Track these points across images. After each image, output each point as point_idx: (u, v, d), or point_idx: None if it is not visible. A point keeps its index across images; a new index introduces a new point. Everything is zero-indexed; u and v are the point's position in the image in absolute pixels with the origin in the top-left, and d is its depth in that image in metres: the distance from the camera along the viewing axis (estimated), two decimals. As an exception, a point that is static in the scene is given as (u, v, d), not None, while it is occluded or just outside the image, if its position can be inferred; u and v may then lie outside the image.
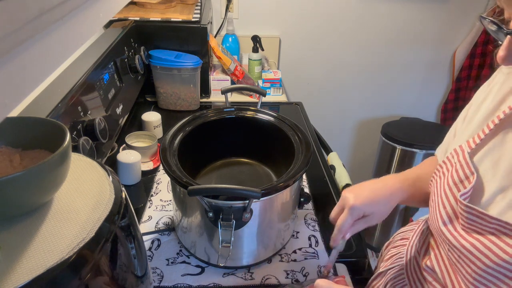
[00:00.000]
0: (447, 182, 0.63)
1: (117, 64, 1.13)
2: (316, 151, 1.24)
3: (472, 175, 0.59)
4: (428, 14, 1.93)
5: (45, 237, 0.42)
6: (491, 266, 0.55)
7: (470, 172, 0.60)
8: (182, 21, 1.38)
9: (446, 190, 0.62)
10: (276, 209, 0.77)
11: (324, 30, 1.94)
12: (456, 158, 0.63)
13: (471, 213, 0.57)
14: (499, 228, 0.55)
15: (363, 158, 2.34)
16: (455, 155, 0.64)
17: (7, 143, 0.48)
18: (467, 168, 0.60)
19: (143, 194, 1.01)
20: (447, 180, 0.63)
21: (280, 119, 0.93)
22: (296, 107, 1.54)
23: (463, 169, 0.61)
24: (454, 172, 0.62)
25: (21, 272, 0.37)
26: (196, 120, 0.91)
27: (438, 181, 0.66)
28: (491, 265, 0.55)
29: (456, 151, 0.64)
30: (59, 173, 0.45)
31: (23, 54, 0.31)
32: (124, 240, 0.48)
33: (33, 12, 0.31)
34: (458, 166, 0.62)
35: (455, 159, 0.63)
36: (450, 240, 0.60)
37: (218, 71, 1.61)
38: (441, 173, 0.66)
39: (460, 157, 0.62)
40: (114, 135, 1.05)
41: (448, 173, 0.64)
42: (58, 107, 0.75)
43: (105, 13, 0.55)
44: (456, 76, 2.07)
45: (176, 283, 0.77)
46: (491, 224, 0.55)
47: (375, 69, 2.07)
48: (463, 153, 0.62)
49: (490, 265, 0.55)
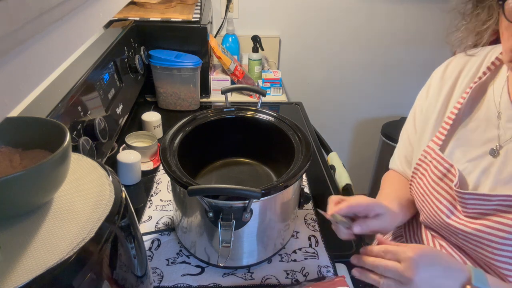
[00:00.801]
0: (432, 180, 0.68)
1: (117, 64, 1.13)
2: (316, 151, 1.24)
3: (452, 167, 0.66)
4: (428, 14, 1.93)
5: (45, 237, 0.42)
6: (504, 243, 0.59)
7: (449, 165, 0.66)
8: (182, 21, 1.38)
9: (434, 186, 0.68)
10: (276, 209, 0.77)
11: (324, 30, 1.94)
12: (429, 157, 0.70)
13: (470, 198, 0.62)
14: (500, 203, 0.59)
15: (363, 158, 2.34)
16: (427, 155, 0.70)
17: (7, 143, 0.48)
18: (445, 162, 0.67)
19: (143, 194, 1.01)
20: (431, 178, 0.69)
21: (280, 119, 0.93)
22: (296, 107, 1.54)
23: (441, 164, 0.67)
24: (433, 169, 0.68)
25: (21, 272, 0.37)
26: (196, 120, 0.91)
27: (420, 182, 0.71)
28: (503, 242, 0.59)
29: (426, 151, 0.71)
30: (59, 173, 0.45)
31: (23, 54, 0.31)
32: (124, 240, 0.48)
33: (33, 12, 0.31)
34: (435, 163, 0.68)
35: (429, 158, 0.70)
36: (460, 229, 0.63)
37: (218, 71, 1.61)
38: (420, 174, 0.72)
39: (433, 154, 0.69)
40: (114, 135, 1.05)
41: (428, 172, 0.70)
42: (58, 107, 0.75)
43: (105, 13, 0.55)
44: (456, 76, 2.07)
45: (176, 283, 0.77)
46: (492, 202, 0.60)
47: (375, 69, 2.07)
48: (434, 151, 0.69)
49: (502, 242, 0.59)
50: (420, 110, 0.80)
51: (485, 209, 0.61)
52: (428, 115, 0.75)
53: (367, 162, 2.30)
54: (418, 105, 0.82)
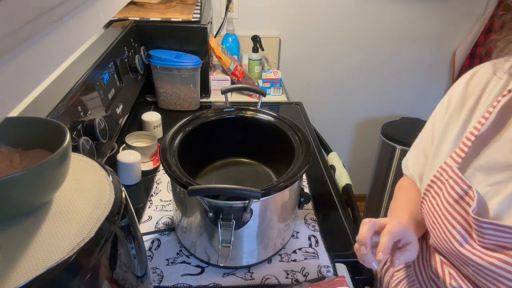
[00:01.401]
0: (446, 201, 0.61)
1: (117, 64, 1.13)
2: (316, 151, 1.24)
3: (470, 189, 0.59)
4: (428, 14, 1.93)
5: (45, 237, 0.42)
6: None
7: (467, 186, 0.59)
8: (182, 21, 1.38)
9: (448, 209, 0.61)
10: (276, 209, 0.77)
11: (324, 30, 1.94)
12: (446, 175, 0.63)
13: (489, 228, 0.55)
14: None
15: (363, 158, 2.34)
16: (443, 173, 0.63)
17: (7, 143, 0.48)
18: (462, 183, 0.60)
19: (143, 194, 1.01)
20: (445, 199, 0.62)
21: (280, 119, 0.93)
22: (296, 107, 1.54)
23: (458, 184, 0.60)
24: (449, 189, 0.61)
25: (21, 272, 0.37)
26: (196, 120, 0.91)
27: (433, 202, 0.65)
28: None
29: (443, 168, 0.64)
30: (59, 173, 0.45)
31: (23, 54, 0.31)
32: (124, 240, 0.48)
33: (33, 12, 0.31)
34: (451, 182, 0.61)
35: (445, 176, 0.63)
36: (473, 260, 0.58)
37: (218, 71, 1.61)
38: (434, 193, 0.65)
39: (450, 173, 0.62)
40: (114, 135, 1.05)
41: (442, 192, 0.63)
42: (58, 107, 0.75)
43: (105, 13, 0.55)
44: (456, 76, 2.07)
45: (176, 283, 0.77)
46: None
47: (375, 69, 2.07)
48: (451, 169, 0.62)
49: None
50: (439, 121, 0.72)
51: (505, 242, 0.55)
52: (447, 129, 0.68)
53: (367, 162, 2.30)
54: (438, 116, 0.74)
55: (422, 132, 0.79)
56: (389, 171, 2.01)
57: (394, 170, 1.98)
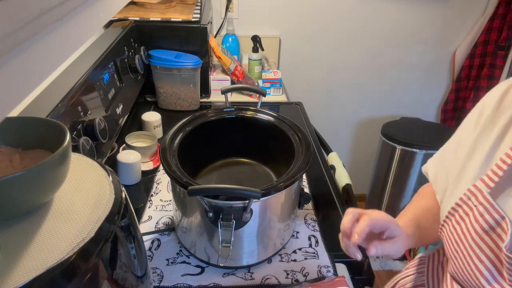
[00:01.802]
0: (473, 230, 0.55)
1: (117, 64, 1.13)
2: (316, 151, 1.24)
3: (504, 220, 0.52)
4: (428, 14, 1.93)
5: (45, 237, 0.42)
6: None
7: (500, 217, 0.52)
8: (182, 21, 1.38)
9: (476, 239, 0.54)
10: (276, 209, 0.77)
11: (324, 30, 1.94)
12: (475, 200, 0.55)
13: None
14: None
15: (363, 158, 2.34)
16: (471, 197, 0.56)
17: (7, 143, 0.48)
18: (495, 212, 0.53)
19: (143, 194, 1.01)
20: (473, 227, 0.55)
21: (280, 119, 0.93)
22: (296, 107, 1.54)
23: (489, 212, 0.53)
24: (478, 216, 0.54)
25: (21, 272, 0.37)
26: (196, 120, 0.91)
27: (457, 228, 0.58)
28: None
29: (471, 191, 0.56)
30: (59, 173, 0.45)
31: (23, 54, 0.31)
32: (124, 240, 0.48)
33: (33, 12, 0.31)
34: (481, 209, 0.54)
35: (474, 201, 0.55)
36: None
37: (218, 71, 1.61)
38: (458, 218, 0.58)
39: (480, 198, 0.54)
40: (114, 135, 1.05)
41: (469, 218, 0.56)
42: (58, 107, 0.75)
43: (105, 13, 0.55)
44: (456, 76, 2.07)
45: (176, 283, 0.77)
46: None
47: (375, 69, 2.07)
48: (482, 193, 0.54)
49: None
50: (467, 137, 0.63)
51: None
52: (477, 146, 0.60)
53: (367, 162, 2.30)
54: (465, 130, 0.65)
55: (447, 145, 0.70)
56: (389, 171, 2.01)
57: (394, 170, 1.98)
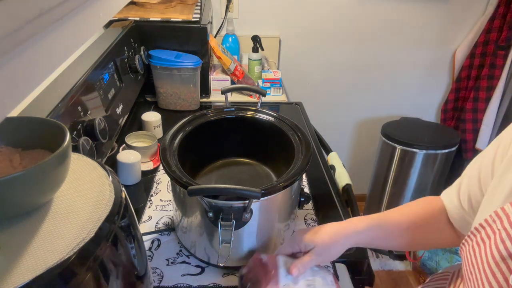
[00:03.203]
0: (491, 254, 0.52)
1: (117, 64, 1.13)
2: (316, 151, 1.24)
3: None
4: (428, 14, 1.93)
5: (45, 237, 0.42)
6: None
7: None
8: (182, 21, 1.38)
9: (491, 265, 0.52)
10: (276, 209, 0.77)
11: (324, 30, 1.94)
12: (499, 224, 0.52)
13: None
14: None
15: (363, 158, 2.34)
16: (497, 220, 0.52)
17: (7, 143, 0.48)
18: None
19: (143, 194, 1.01)
20: (491, 251, 0.52)
21: (280, 119, 0.93)
22: (296, 107, 1.54)
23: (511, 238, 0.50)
24: (499, 242, 0.51)
25: (21, 272, 0.37)
26: (196, 120, 0.91)
27: (476, 249, 0.55)
28: None
29: (498, 214, 0.53)
30: (59, 173, 0.45)
31: (23, 54, 0.31)
32: (124, 240, 0.48)
33: (33, 12, 0.31)
34: (504, 234, 0.51)
35: (498, 225, 0.52)
36: None
37: (218, 71, 1.61)
38: (479, 239, 0.55)
39: (505, 223, 0.51)
40: (114, 135, 1.05)
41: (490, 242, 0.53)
42: (58, 107, 0.75)
43: (105, 13, 0.55)
44: (456, 76, 2.07)
45: (176, 283, 0.77)
46: None
47: (375, 69, 2.07)
48: (508, 218, 0.51)
49: None
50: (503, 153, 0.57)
51: None
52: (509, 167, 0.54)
53: (367, 162, 2.30)
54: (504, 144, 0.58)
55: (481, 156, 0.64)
56: (389, 171, 2.01)
57: (394, 170, 1.99)
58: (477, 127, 2.02)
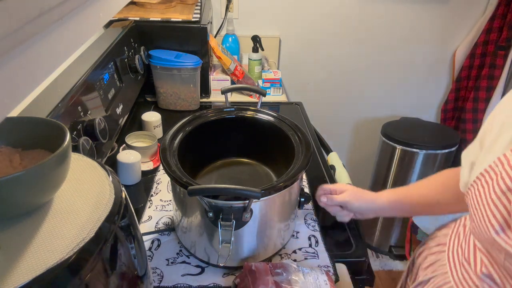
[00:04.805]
0: (493, 191, 0.61)
1: (117, 64, 1.13)
2: (316, 151, 1.24)
3: None
4: (428, 14, 1.93)
5: (45, 237, 0.42)
6: None
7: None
8: (182, 21, 1.38)
9: (494, 199, 0.61)
10: (276, 209, 0.77)
11: (324, 30, 1.94)
12: (500, 167, 0.61)
13: None
14: None
15: (363, 158, 2.34)
16: (499, 164, 0.61)
17: (7, 143, 0.48)
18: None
19: (143, 194, 1.01)
20: (493, 189, 0.61)
21: (280, 119, 0.93)
22: (296, 107, 1.54)
23: (509, 176, 0.59)
24: (500, 180, 0.60)
25: (21, 272, 0.37)
26: (196, 120, 0.91)
27: (481, 191, 0.64)
28: None
29: (500, 160, 0.61)
30: (59, 173, 0.45)
31: (23, 54, 0.31)
32: (124, 240, 0.48)
33: (33, 12, 0.31)
34: (504, 174, 0.60)
35: (499, 168, 0.61)
36: (506, 249, 0.59)
37: (218, 71, 1.61)
38: (484, 182, 0.64)
39: (506, 165, 0.60)
40: (114, 135, 1.05)
41: (492, 182, 0.62)
42: (58, 107, 0.75)
43: (105, 13, 0.55)
44: (456, 76, 2.07)
45: (176, 283, 0.77)
46: None
47: (375, 69, 2.07)
48: (508, 162, 0.60)
49: None
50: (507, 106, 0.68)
51: None
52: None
53: (367, 162, 2.30)
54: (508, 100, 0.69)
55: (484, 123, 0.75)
56: (389, 171, 2.01)
57: (394, 170, 1.98)
58: (477, 127, 2.02)
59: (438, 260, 0.78)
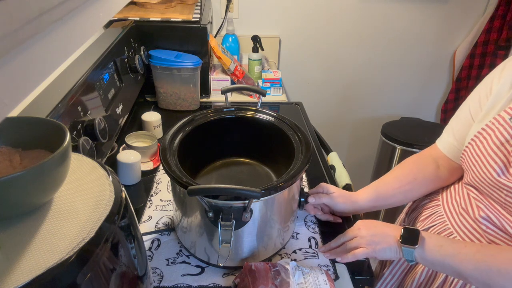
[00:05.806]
0: (492, 142, 0.71)
1: (117, 64, 1.13)
2: (316, 151, 1.24)
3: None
4: (428, 14, 1.93)
5: (45, 237, 0.42)
6: None
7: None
8: (182, 21, 1.38)
9: (493, 148, 0.70)
10: (276, 209, 0.77)
11: (324, 30, 1.94)
12: (497, 123, 0.71)
13: None
14: None
15: (363, 158, 2.34)
16: (495, 122, 0.71)
17: (7, 143, 0.48)
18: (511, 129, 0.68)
19: (143, 194, 1.01)
20: (492, 141, 0.71)
21: (280, 119, 0.93)
22: (296, 107, 1.54)
23: (506, 130, 0.69)
24: (498, 134, 0.70)
25: (21, 272, 0.37)
26: (196, 120, 0.91)
27: (479, 145, 0.73)
28: None
29: (496, 118, 0.71)
30: (59, 173, 0.45)
31: (23, 54, 0.31)
32: (124, 240, 0.48)
33: (33, 12, 0.31)
34: (501, 129, 0.69)
35: (496, 125, 0.71)
36: (507, 185, 0.68)
37: (218, 71, 1.61)
38: (482, 138, 0.73)
39: (501, 121, 0.70)
40: (114, 135, 1.05)
41: (491, 137, 0.71)
42: (58, 107, 0.75)
43: (105, 13, 0.55)
44: (456, 76, 2.07)
45: (176, 283, 0.77)
46: None
47: (375, 69, 2.07)
48: (503, 119, 0.70)
49: None
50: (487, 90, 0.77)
51: None
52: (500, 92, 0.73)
53: (367, 162, 2.30)
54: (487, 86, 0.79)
55: (467, 101, 0.85)
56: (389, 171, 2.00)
57: (394, 170, 1.98)
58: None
59: (435, 213, 0.86)
